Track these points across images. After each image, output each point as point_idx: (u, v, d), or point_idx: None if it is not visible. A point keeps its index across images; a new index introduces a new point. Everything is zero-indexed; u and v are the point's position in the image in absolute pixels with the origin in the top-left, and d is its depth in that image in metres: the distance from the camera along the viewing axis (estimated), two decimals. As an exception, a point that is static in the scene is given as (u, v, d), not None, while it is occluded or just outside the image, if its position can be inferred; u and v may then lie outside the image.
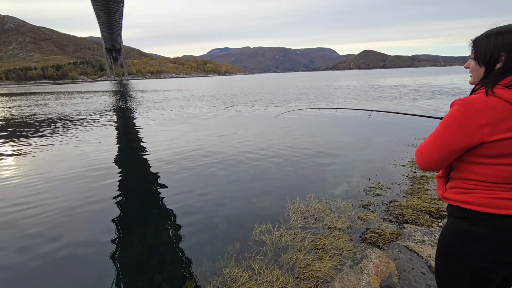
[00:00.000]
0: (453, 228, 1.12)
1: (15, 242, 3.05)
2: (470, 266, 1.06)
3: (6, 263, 2.71)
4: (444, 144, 1.02)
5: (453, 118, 1.00)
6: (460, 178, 1.09)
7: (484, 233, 1.02)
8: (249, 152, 6.17)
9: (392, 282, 2.12)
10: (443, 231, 1.18)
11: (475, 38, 1.06)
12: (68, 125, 11.15)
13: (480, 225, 1.03)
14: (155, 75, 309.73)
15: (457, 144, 1.00)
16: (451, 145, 1.01)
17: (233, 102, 17.76)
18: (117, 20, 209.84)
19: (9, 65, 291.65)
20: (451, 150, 1.02)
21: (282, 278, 2.26)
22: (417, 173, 4.46)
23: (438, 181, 1.21)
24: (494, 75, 0.99)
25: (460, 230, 1.08)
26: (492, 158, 0.98)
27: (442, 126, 1.03)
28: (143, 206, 3.97)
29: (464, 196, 1.07)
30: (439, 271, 1.20)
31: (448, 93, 18.18)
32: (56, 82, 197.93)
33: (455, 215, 1.11)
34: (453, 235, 1.10)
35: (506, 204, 0.99)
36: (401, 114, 2.55)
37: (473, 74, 1.10)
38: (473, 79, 1.11)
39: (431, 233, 2.76)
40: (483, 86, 1.01)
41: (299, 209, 3.43)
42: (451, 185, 1.13)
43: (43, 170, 5.41)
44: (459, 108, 0.99)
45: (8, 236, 3.17)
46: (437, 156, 1.05)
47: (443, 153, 1.04)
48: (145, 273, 2.52)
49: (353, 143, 6.80)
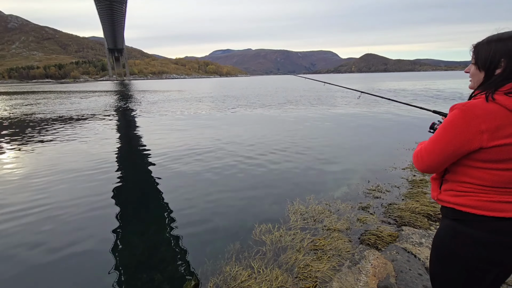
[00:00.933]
0: (448, 229, 1.13)
1: (15, 240, 3.09)
2: (466, 267, 1.09)
3: (4, 261, 2.75)
4: (444, 148, 1.04)
5: (453, 123, 1.01)
6: (455, 181, 1.11)
7: (480, 235, 1.04)
8: (250, 154, 6.21)
9: (390, 282, 2.15)
10: (438, 233, 1.20)
11: (476, 44, 1.09)
12: (68, 124, 11.21)
13: (476, 227, 1.05)
14: (157, 76, 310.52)
15: (456, 149, 1.02)
16: (451, 149, 1.03)
17: (234, 104, 17.82)
18: (120, 20, 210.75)
19: (12, 63, 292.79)
20: (451, 154, 1.04)
21: (281, 277, 2.29)
22: (416, 177, 4.50)
23: (433, 183, 1.24)
24: (494, 81, 1.02)
25: (456, 231, 1.10)
26: (489, 163, 1.01)
27: (442, 130, 1.05)
28: (144, 205, 4.01)
29: (460, 199, 1.09)
30: (434, 272, 1.22)
31: (446, 97, 18.23)
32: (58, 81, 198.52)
33: (451, 217, 1.13)
34: (449, 237, 1.12)
35: (501, 207, 1.01)
36: (391, 101, 2.52)
37: (472, 78, 1.13)
38: (473, 84, 1.14)
39: (428, 235, 2.80)
40: (484, 91, 1.03)
41: (299, 210, 3.47)
42: (446, 188, 1.15)
43: (43, 169, 5.45)
44: (459, 113, 1.00)
45: (7, 234, 3.21)
46: (437, 160, 1.08)
47: (443, 156, 1.06)
48: (145, 272, 2.55)
49: (353, 145, 6.84)
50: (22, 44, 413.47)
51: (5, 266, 2.65)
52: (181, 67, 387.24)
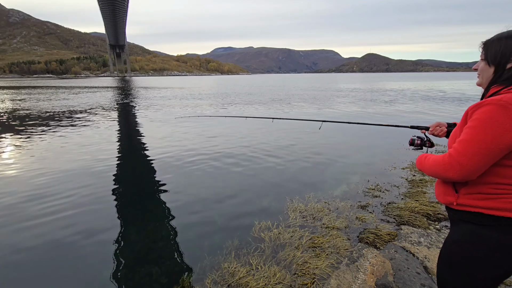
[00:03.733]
0: (473, 236, 1.05)
1: (16, 235, 3.09)
2: (485, 273, 1.02)
3: (7, 256, 2.76)
4: (490, 147, 0.94)
5: (495, 119, 0.93)
6: (484, 183, 1.02)
7: (509, 240, 0.97)
8: (249, 152, 6.20)
9: (387, 281, 2.15)
10: (455, 239, 1.11)
11: (485, 41, 1.09)
12: (69, 120, 11.21)
13: (506, 232, 0.98)
14: (158, 73, 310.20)
15: (505, 146, 0.93)
16: (498, 148, 0.94)
17: (234, 102, 17.80)
18: (122, 16, 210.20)
19: (13, 58, 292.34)
20: (498, 153, 0.95)
21: (279, 274, 2.30)
22: (416, 176, 4.49)
23: (441, 187, 1.16)
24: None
25: (480, 237, 1.03)
26: None
27: (482, 129, 0.95)
28: (143, 201, 4.02)
29: (490, 202, 1.00)
30: (446, 278, 1.14)
31: (444, 98, 18.20)
32: (59, 77, 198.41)
33: (475, 222, 1.05)
34: (474, 244, 1.04)
35: None
36: (353, 124, 2.40)
37: (482, 74, 1.12)
38: (481, 80, 1.13)
39: (427, 235, 2.80)
40: (504, 86, 1.01)
41: (298, 208, 3.47)
42: (470, 191, 1.05)
43: (43, 165, 5.46)
44: (497, 108, 0.93)
45: (9, 229, 3.22)
46: (483, 161, 0.96)
47: (489, 157, 0.95)
48: (143, 266, 2.55)
49: (353, 145, 6.83)
50: (24, 38, 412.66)
51: (6, 262, 2.66)
52: (182, 64, 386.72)
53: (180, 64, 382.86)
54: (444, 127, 1.44)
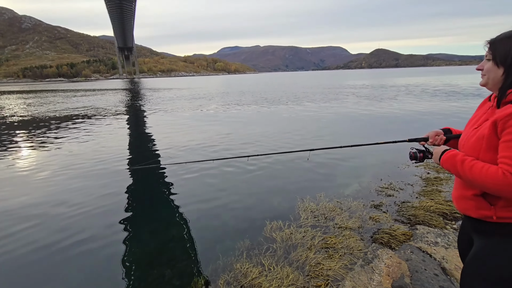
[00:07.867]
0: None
1: (28, 237, 3.15)
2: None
3: (19, 258, 2.81)
4: None
5: None
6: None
7: None
8: (259, 150, 6.18)
9: (404, 282, 2.09)
10: (497, 257, 1.03)
11: (492, 40, 1.03)
12: (80, 121, 11.42)
13: None
14: (166, 74, 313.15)
15: None
16: None
17: (241, 101, 17.79)
18: (129, 19, 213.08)
19: (26, 63, 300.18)
20: None
21: (292, 275, 2.26)
22: (430, 174, 4.38)
23: (476, 201, 1.09)
24: None
25: None
26: None
27: None
28: (154, 202, 4.05)
29: None
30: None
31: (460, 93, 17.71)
32: (70, 80, 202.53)
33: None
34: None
35: None
36: (350, 147, 2.08)
37: (488, 75, 1.06)
38: (486, 80, 1.07)
39: (444, 235, 2.71)
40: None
41: (310, 208, 3.42)
42: (508, 203, 1.00)
43: (55, 166, 5.57)
44: None
45: (20, 230, 3.28)
46: None
47: None
48: (156, 268, 2.56)
49: (364, 142, 6.71)
50: (36, 44, 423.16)
51: (19, 263, 2.72)
52: (189, 65, 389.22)
53: (188, 65, 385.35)
54: (441, 135, 1.40)
